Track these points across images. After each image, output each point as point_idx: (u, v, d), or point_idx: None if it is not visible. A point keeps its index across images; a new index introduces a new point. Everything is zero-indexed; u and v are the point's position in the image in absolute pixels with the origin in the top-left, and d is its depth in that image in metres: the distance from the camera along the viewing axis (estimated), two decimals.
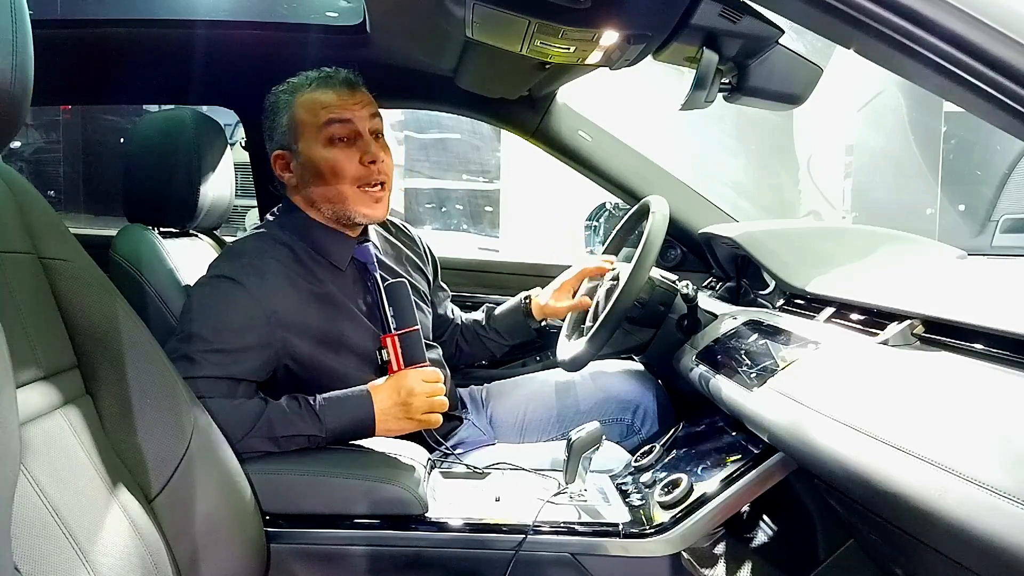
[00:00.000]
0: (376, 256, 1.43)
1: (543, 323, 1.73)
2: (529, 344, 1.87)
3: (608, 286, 1.59)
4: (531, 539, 1.18)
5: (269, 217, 1.44)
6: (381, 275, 1.41)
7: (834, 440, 0.90)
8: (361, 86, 1.39)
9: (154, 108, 2.83)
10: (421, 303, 1.53)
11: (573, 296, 1.66)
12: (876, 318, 1.08)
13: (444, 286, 1.74)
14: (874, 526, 0.98)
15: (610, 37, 1.22)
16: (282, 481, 1.20)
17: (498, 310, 1.75)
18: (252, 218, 4.15)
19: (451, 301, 1.77)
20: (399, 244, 1.58)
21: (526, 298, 1.71)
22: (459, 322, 1.76)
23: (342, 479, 1.21)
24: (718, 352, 1.39)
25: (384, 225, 1.57)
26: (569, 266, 1.69)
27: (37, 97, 0.72)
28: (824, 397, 0.98)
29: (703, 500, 1.19)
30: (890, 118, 4.71)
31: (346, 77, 1.37)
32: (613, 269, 1.61)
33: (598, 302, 1.59)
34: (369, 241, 1.44)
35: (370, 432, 1.26)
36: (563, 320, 1.75)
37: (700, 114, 1.26)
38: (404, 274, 1.49)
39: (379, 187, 1.37)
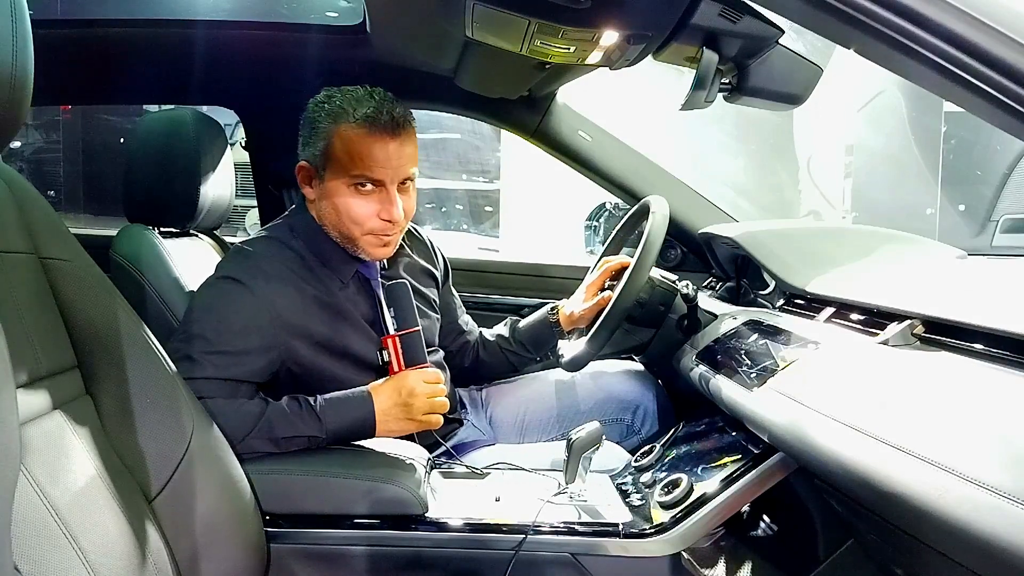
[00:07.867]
0: (381, 272, 1.41)
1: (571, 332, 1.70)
2: None
3: (608, 286, 1.59)
4: (531, 539, 1.18)
5: (279, 219, 1.44)
6: (383, 282, 1.39)
7: (834, 440, 0.90)
8: (409, 127, 1.30)
9: (154, 108, 2.83)
10: (428, 309, 1.52)
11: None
12: (876, 318, 1.08)
13: (455, 293, 1.71)
14: (874, 526, 0.98)
15: (610, 37, 1.22)
16: (282, 481, 1.20)
17: (523, 323, 1.73)
18: (252, 218, 4.15)
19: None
20: (409, 251, 1.55)
21: (553, 309, 1.69)
22: (475, 337, 1.73)
23: (342, 479, 1.21)
24: (718, 352, 1.39)
25: None
26: (571, 266, 1.68)
27: (37, 97, 0.72)
28: (824, 397, 0.98)
29: (703, 500, 1.19)
30: (890, 118, 4.71)
31: (394, 120, 1.28)
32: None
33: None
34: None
35: (371, 433, 1.26)
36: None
37: (700, 114, 1.26)
38: (411, 282, 1.47)
39: (389, 235, 1.35)
